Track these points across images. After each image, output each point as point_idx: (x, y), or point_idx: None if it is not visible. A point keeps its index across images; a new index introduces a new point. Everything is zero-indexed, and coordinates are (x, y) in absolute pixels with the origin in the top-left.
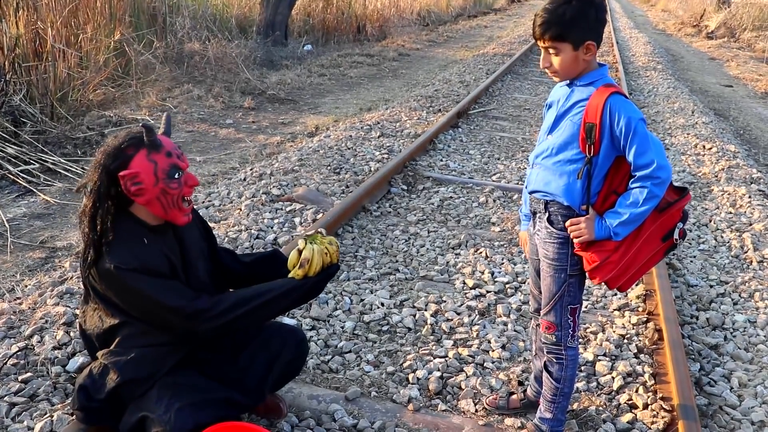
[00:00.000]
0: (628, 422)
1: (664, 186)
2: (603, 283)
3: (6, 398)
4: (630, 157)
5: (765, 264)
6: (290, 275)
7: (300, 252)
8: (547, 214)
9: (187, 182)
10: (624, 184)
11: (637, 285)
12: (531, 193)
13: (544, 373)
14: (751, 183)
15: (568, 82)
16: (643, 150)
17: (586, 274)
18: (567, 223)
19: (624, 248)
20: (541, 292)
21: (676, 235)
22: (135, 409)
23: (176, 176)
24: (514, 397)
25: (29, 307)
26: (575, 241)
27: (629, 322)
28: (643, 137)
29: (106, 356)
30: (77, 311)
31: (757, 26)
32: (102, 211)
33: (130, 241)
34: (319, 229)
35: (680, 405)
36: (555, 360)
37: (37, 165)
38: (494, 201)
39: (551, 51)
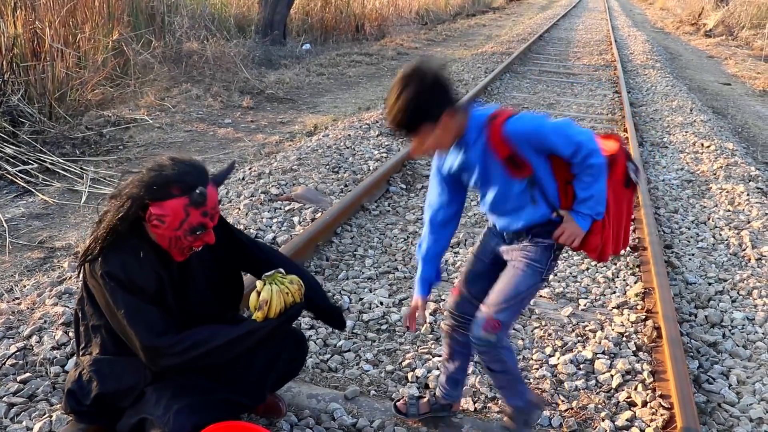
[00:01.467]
0: (627, 420)
1: (599, 152)
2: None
3: (5, 398)
4: (558, 154)
5: (763, 261)
6: (252, 317)
7: (259, 294)
8: (529, 236)
9: (202, 238)
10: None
11: (636, 283)
12: (503, 230)
13: (489, 373)
14: (750, 181)
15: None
16: (561, 142)
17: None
18: (556, 239)
19: (608, 218)
20: (473, 294)
21: (633, 176)
22: (133, 412)
23: (198, 233)
24: (423, 401)
25: (28, 308)
26: (572, 245)
27: (628, 320)
28: (554, 133)
29: (90, 363)
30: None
31: (755, 24)
32: (123, 226)
33: (126, 253)
34: (278, 269)
35: (679, 402)
36: (493, 359)
37: (36, 165)
38: None
39: (417, 140)
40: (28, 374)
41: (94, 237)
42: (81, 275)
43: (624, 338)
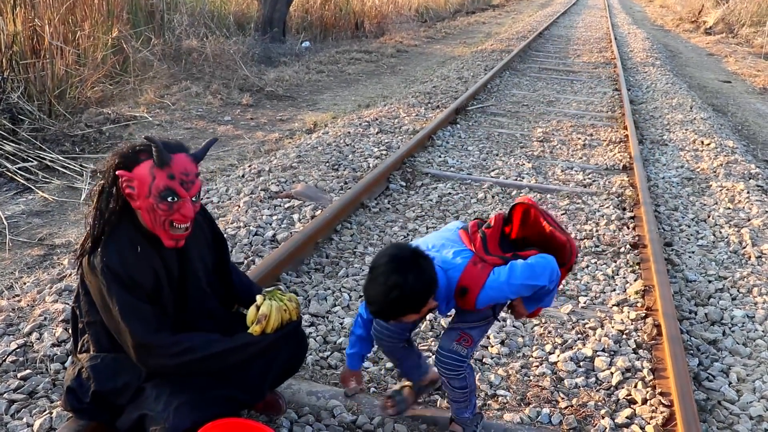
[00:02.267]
0: (627, 417)
1: (558, 278)
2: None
3: (5, 395)
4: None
5: (763, 259)
6: (249, 331)
7: (258, 308)
8: None
9: (179, 210)
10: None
11: (636, 280)
12: None
13: (448, 388)
14: (750, 178)
15: None
16: (525, 293)
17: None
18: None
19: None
20: None
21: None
22: (133, 408)
23: (168, 199)
24: (406, 391)
25: (28, 305)
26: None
27: (628, 317)
28: (520, 288)
29: (86, 360)
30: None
31: (756, 22)
32: (108, 202)
33: (124, 246)
34: (278, 285)
35: (679, 400)
36: (456, 375)
37: (35, 162)
38: (493, 197)
39: (395, 321)
40: (28, 371)
41: (86, 225)
42: (78, 271)
43: (624, 336)
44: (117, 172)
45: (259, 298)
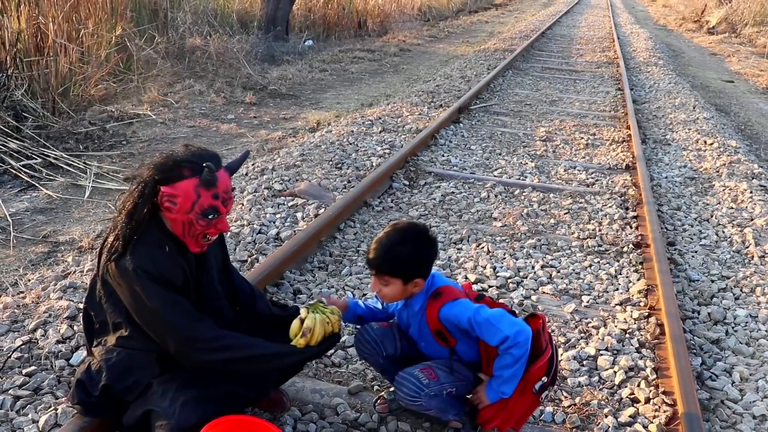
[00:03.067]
0: (630, 416)
1: (524, 345)
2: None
3: (11, 391)
4: (486, 342)
5: (766, 259)
6: (293, 343)
7: (302, 321)
8: None
9: (216, 225)
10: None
11: (639, 280)
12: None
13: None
14: (753, 178)
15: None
16: (492, 333)
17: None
18: (470, 397)
19: (505, 402)
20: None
21: (536, 388)
22: (139, 404)
23: (210, 217)
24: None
25: (33, 302)
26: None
27: (631, 316)
28: (486, 324)
29: (101, 354)
30: (80, 305)
31: (758, 21)
32: (140, 210)
33: (154, 248)
34: (321, 298)
35: (682, 399)
36: (412, 401)
37: (39, 160)
38: (496, 196)
39: (382, 282)
40: (33, 367)
41: (114, 229)
42: (99, 272)
43: (627, 335)
44: (161, 188)
45: (303, 311)
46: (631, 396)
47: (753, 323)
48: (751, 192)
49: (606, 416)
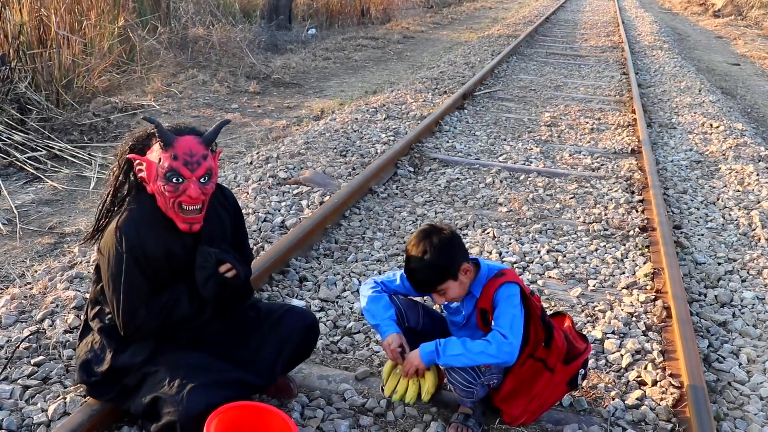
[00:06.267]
0: (637, 399)
1: (496, 359)
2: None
3: (19, 381)
4: (496, 321)
5: None
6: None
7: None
8: None
9: (185, 191)
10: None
11: (645, 263)
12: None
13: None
14: (759, 161)
15: None
16: (503, 322)
17: None
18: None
19: (537, 398)
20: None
21: (579, 381)
22: (147, 391)
23: (173, 180)
24: None
25: (40, 292)
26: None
27: (637, 300)
28: (509, 315)
29: (98, 329)
30: (87, 295)
31: (765, 4)
32: (122, 185)
33: (142, 220)
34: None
35: (689, 381)
36: (464, 389)
37: (44, 152)
38: (501, 182)
39: (440, 294)
40: (41, 357)
41: (102, 201)
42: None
43: (634, 318)
44: (129, 156)
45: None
46: (638, 379)
47: (760, 305)
48: (757, 175)
49: (613, 399)
